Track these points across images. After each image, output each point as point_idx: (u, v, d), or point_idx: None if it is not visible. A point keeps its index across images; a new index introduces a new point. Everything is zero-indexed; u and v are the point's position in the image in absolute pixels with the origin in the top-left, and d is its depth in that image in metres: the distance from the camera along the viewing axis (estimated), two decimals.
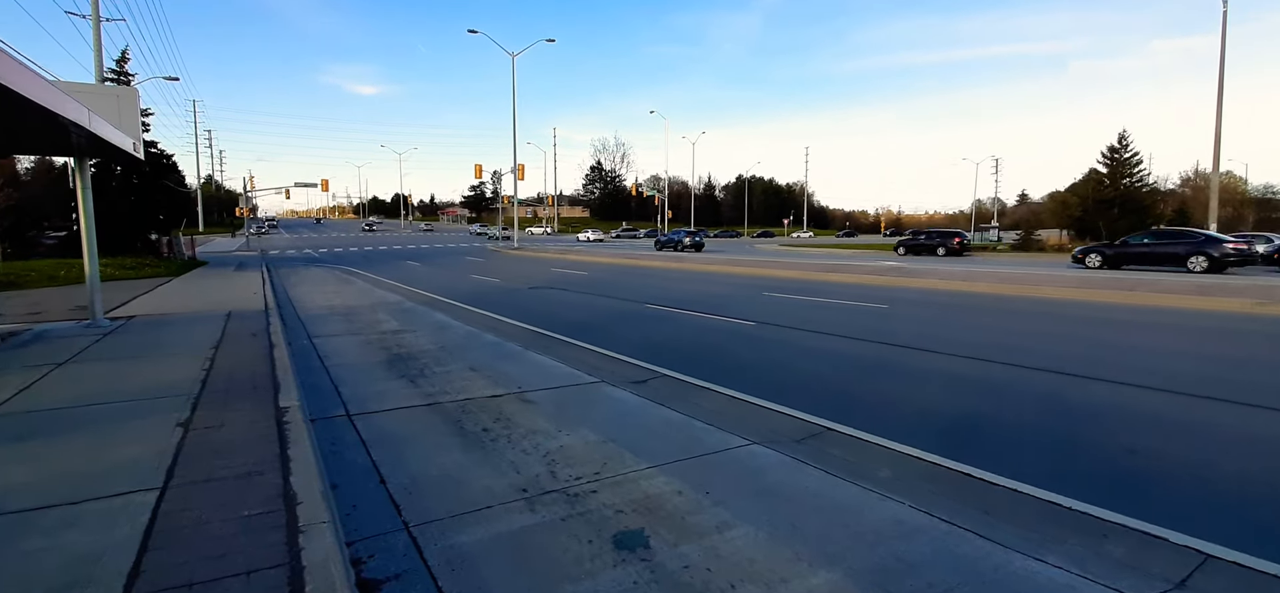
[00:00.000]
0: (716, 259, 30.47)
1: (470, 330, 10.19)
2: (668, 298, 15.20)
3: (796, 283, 18.91)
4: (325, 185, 53.64)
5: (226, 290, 15.95)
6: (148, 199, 26.02)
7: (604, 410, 5.62)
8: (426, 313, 12.43)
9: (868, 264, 25.89)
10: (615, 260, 31.02)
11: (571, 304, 14.42)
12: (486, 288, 18.65)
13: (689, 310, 12.93)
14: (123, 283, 17.81)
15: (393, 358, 7.98)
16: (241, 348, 7.94)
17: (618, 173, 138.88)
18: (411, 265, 29.79)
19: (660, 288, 17.93)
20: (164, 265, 23.53)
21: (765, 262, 28.15)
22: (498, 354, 8.18)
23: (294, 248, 48.06)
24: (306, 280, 20.61)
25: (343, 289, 17.41)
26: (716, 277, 22.00)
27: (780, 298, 14.98)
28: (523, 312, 12.95)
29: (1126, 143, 56.63)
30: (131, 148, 10.15)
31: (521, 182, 43.74)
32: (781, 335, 9.96)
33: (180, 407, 5.20)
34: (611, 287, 18.40)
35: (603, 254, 36.52)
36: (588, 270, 25.00)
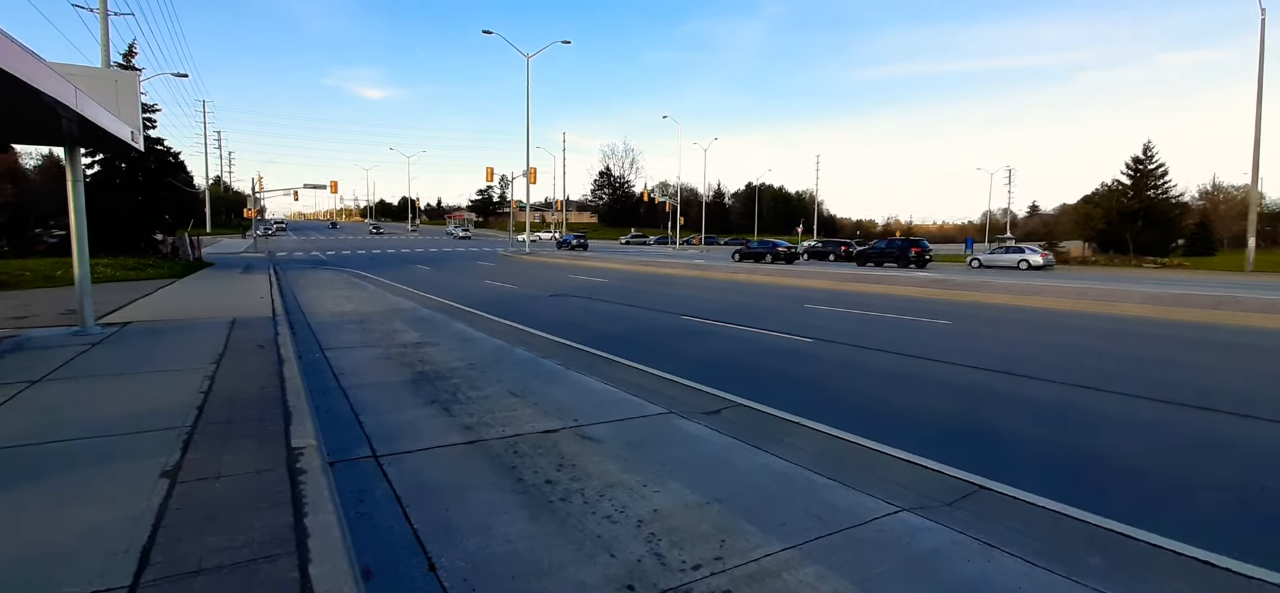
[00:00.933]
0: (740, 268, 29.43)
1: (499, 344, 9.16)
2: (703, 309, 14.15)
3: (830, 293, 17.85)
4: (334, 187, 52.87)
5: (232, 294, 15.00)
6: (152, 198, 25.16)
7: (687, 454, 4.58)
8: (446, 322, 11.43)
9: (897, 275, 24.81)
10: (633, 267, 30.00)
11: (602, 314, 13.39)
12: (504, 295, 17.66)
13: (731, 323, 11.88)
14: (123, 284, 16.89)
15: (418, 377, 6.96)
16: (246, 363, 6.94)
17: (626, 179, 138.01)
18: (421, 269, 28.87)
19: (691, 298, 16.89)
20: (168, 266, 22.64)
21: (789, 272, 27.08)
22: (537, 374, 7.15)
23: (301, 250, 47.27)
24: (315, 284, 19.67)
25: (353, 294, 16.44)
26: (744, 286, 20.95)
27: (824, 311, 13.92)
28: (550, 322, 11.92)
29: (1151, 154, 55.38)
30: (129, 137, 9.20)
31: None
32: (848, 355, 8.89)
33: (169, 445, 4.18)
34: (637, 295, 17.36)
35: (618, 260, 35.52)
36: (607, 277, 23.98)
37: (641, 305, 14.96)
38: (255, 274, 22.08)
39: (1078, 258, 50.97)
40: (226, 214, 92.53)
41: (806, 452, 4.71)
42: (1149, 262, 48.94)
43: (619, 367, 7.85)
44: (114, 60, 24.81)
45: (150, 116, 25.43)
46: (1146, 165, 55.24)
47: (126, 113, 9.57)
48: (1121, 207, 54.34)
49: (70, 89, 6.42)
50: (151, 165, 25.08)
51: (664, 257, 42.58)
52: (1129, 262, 49.12)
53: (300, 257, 38.93)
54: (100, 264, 20.05)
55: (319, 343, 9.14)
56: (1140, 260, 49.25)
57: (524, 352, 8.58)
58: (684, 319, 12.51)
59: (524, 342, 9.54)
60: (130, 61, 24.87)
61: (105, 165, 24.57)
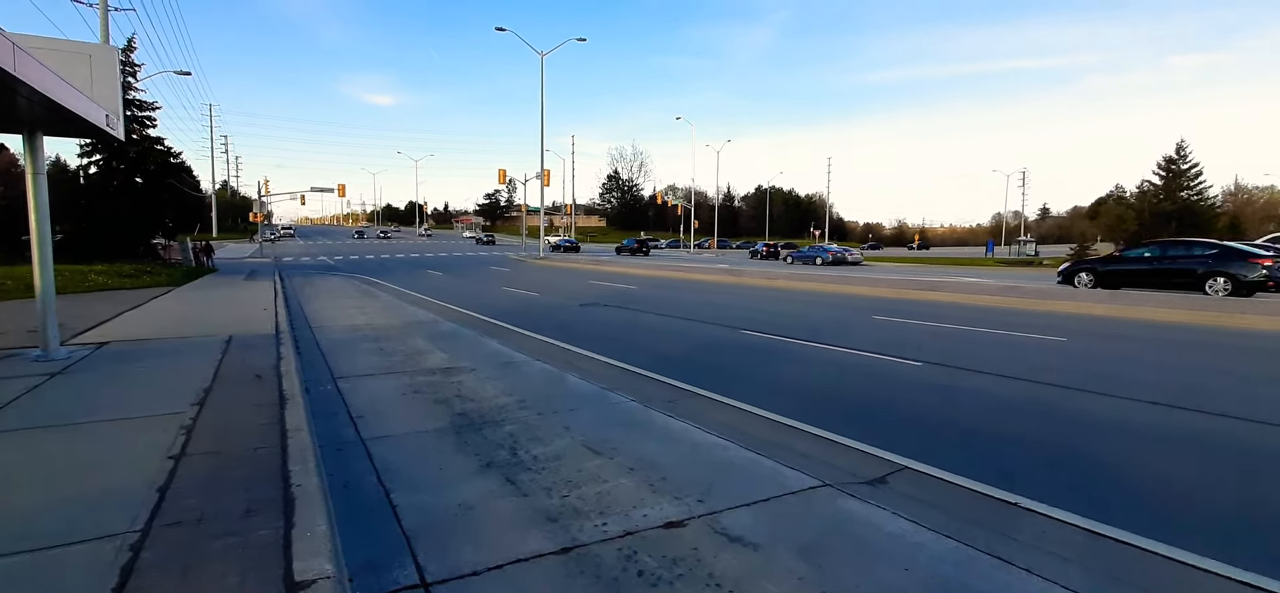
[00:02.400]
0: (776, 273, 27.80)
1: (546, 369, 7.57)
2: (762, 322, 12.54)
3: (894, 302, 16.19)
4: (341, 190, 51.63)
5: (232, 305, 13.49)
6: (152, 200, 23.75)
7: (899, 581, 2.97)
8: (475, 339, 9.86)
9: (946, 280, 23.12)
10: (657, 272, 28.41)
11: (650, 330, 11.79)
12: (528, 304, 16.09)
13: (803, 340, 10.26)
14: (115, 294, 15.43)
15: (459, 421, 5.38)
16: (239, 403, 5.38)
17: (635, 182, 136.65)
18: (434, 275, 27.40)
19: (738, 307, 15.28)
20: (167, 273, 21.21)
21: (831, 278, 25.44)
22: (612, 416, 5.56)
23: (309, 255, 45.95)
24: (324, 292, 18.17)
25: (366, 304, 14.91)
26: (794, 294, 19.31)
27: (901, 324, 12.28)
28: (594, 338, 10.34)
29: (1185, 153, 53.47)
30: (103, 122, 7.68)
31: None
32: (981, 385, 7.26)
33: (104, 569, 2.62)
34: (675, 305, 15.77)
35: (637, 266, 33.93)
36: (634, 284, 22.39)
37: (687, 317, 13.36)
38: (259, 281, 20.61)
39: None
40: (233, 218, 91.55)
41: (1090, 569, 3.10)
42: None
43: (706, 402, 6.25)
44: None
45: (150, 114, 24.08)
46: (1179, 165, 53.30)
47: (103, 94, 8.05)
48: (1154, 208, 52.39)
49: (6, 48, 4.89)
50: (151, 166, 23.68)
51: (683, 261, 40.98)
52: None
53: (308, 262, 37.56)
54: (93, 272, 18.63)
55: (330, 369, 7.57)
56: None
57: (579, 380, 6.99)
58: (745, 334, 10.90)
59: (574, 365, 7.95)
60: (129, 56, 23.51)
61: (103, 167, 23.20)
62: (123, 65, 23.36)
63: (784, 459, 4.47)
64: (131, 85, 23.60)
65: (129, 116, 23.48)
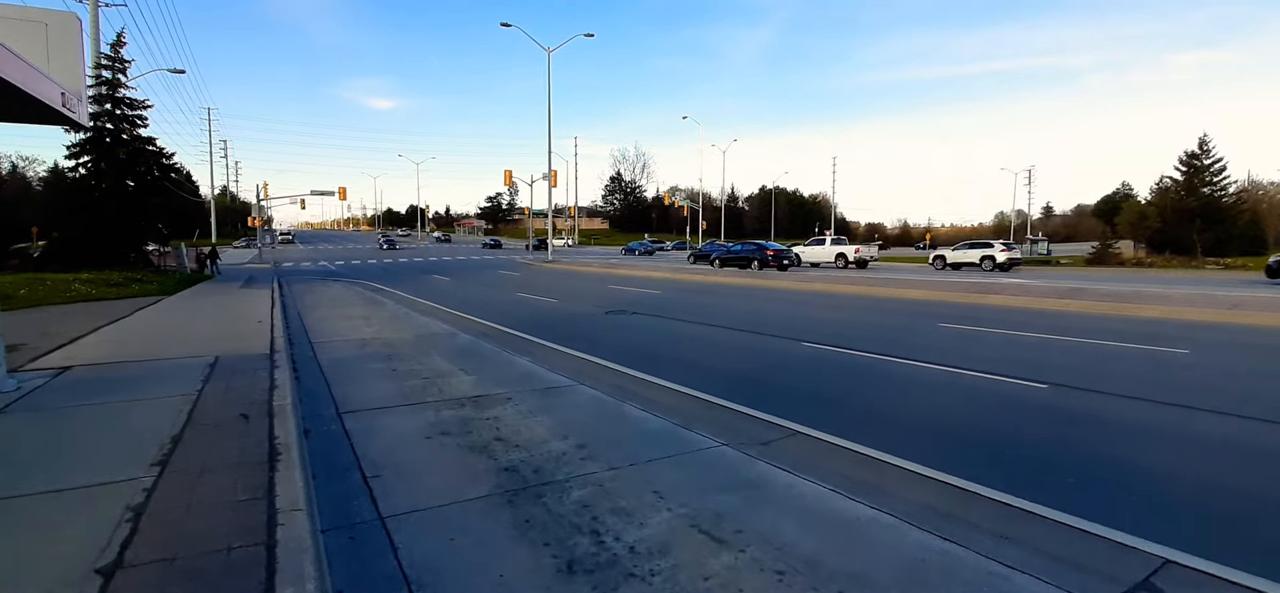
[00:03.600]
0: (810, 276, 26.48)
1: (598, 398, 6.22)
2: (816, 331, 11.19)
3: (951, 307, 14.85)
4: (343, 193, 50.23)
5: (224, 317, 12.17)
6: (143, 203, 22.43)
7: None
8: (500, 355, 8.52)
9: (987, 280, 21.77)
10: (677, 275, 27.09)
11: (692, 340, 10.45)
12: (549, 313, 14.75)
13: (881, 354, 8.91)
14: (97, 305, 14.10)
15: (511, 484, 4.03)
16: (215, 459, 4.04)
17: (638, 184, 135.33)
18: (440, 280, 26.08)
19: (782, 315, 13.94)
20: (159, 281, 19.88)
21: (864, 279, 24.10)
22: (709, 473, 4.20)
23: (309, 260, 44.67)
24: (325, 301, 16.83)
25: (372, 314, 13.57)
26: (833, 298, 17.94)
27: (980, 333, 10.93)
28: (635, 353, 8.99)
29: (1208, 148, 52.05)
30: (59, 102, 6.35)
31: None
32: (1144, 418, 5.91)
33: None
34: (710, 311, 14.42)
35: (649, 268, 32.61)
36: (657, 288, 21.04)
37: (728, 325, 12.01)
38: (256, 289, 19.28)
39: (1132, 260, 47.63)
40: (232, 224, 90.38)
41: None
42: (1210, 263, 45.69)
43: (814, 445, 4.91)
44: (103, 51, 22.23)
45: (141, 113, 22.75)
46: (1201, 161, 51.90)
47: (63, 69, 6.74)
48: (1177, 205, 50.97)
49: None
50: (141, 167, 22.36)
51: (692, 265, 39.65)
52: (1188, 263, 45.84)
53: (308, 268, 36.29)
54: (78, 281, 17.32)
55: (333, 399, 6.22)
56: (1202, 261, 45.97)
57: (641, 411, 5.65)
58: (808, 347, 9.55)
59: (627, 391, 6.61)
60: (119, 51, 22.23)
61: (91, 169, 21.90)
62: (112, 62, 22.10)
63: (996, 552, 3.11)
64: (122, 83, 22.30)
65: (119, 115, 22.22)
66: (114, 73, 22.02)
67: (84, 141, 21.60)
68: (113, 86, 22.05)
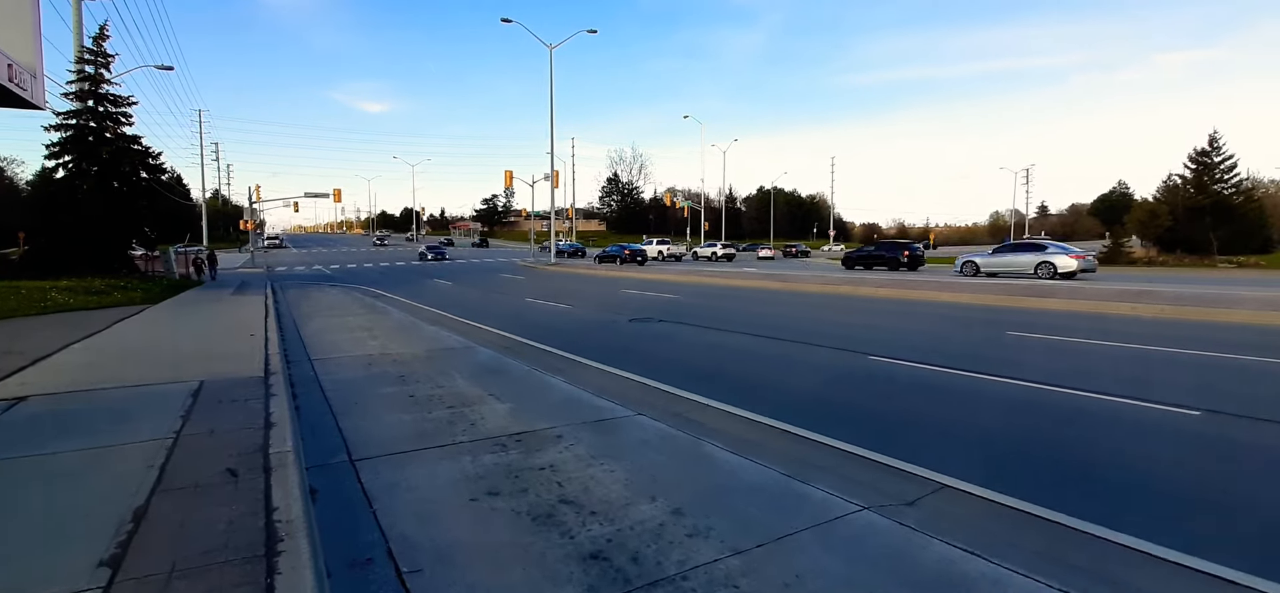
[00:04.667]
0: (833, 278, 25.45)
1: (667, 433, 5.10)
2: (874, 342, 10.11)
3: (1007, 312, 13.80)
4: (338, 195, 48.87)
5: (213, 329, 10.99)
6: (127, 205, 21.15)
7: None
8: (531, 375, 7.39)
9: (1033, 284, 20.76)
10: (691, 279, 26.00)
11: (739, 353, 9.34)
12: (567, 321, 13.63)
13: (960, 370, 7.82)
14: (74, 316, 12.88)
15: (599, 579, 2.90)
16: (192, 544, 2.89)
17: (635, 185, 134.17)
18: (442, 285, 24.93)
19: (829, 323, 12.86)
20: (144, 288, 18.63)
21: (891, 282, 23.06)
22: (878, 564, 3.09)
23: (303, 264, 43.38)
24: (323, 308, 15.65)
25: (376, 324, 12.41)
26: (872, 304, 16.87)
27: (1064, 344, 9.86)
28: (680, 369, 7.87)
29: (1218, 145, 51.28)
30: (5, 77, 5.19)
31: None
32: None
33: None
34: (746, 320, 13.33)
35: (660, 271, 31.52)
36: (676, 292, 19.92)
37: (773, 334, 10.91)
38: (249, 296, 18.05)
39: (1143, 259, 46.79)
40: (224, 227, 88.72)
41: None
42: (1222, 261, 44.94)
43: (999, 513, 3.79)
44: (85, 45, 20.95)
45: (125, 110, 21.47)
46: (1211, 158, 51.15)
47: (12, 38, 5.56)
48: (1187, 202, 50.18)
49: None
50: (126, 167, 21.09)
51: (704, 266, 38.58)
52: (1201, 262, 45.07)
53: (303, 272, 35.06)
54: (56, 288, 16.07)
55: (343, 437, 5.07)
56: (1213, 260, 45.20)
57: (729, 454, 4.54)
58: (876, 362, 8.45)
59: (699, 423, 5.49)
60: (102, 45, 20.96)
61: (72, 169, 20.62)
62: (94, 56, 20.83)
63: None
64: (105, 78, 21.04)
65: (102, 113, 20.96)
66: (97, 67, 20.76)
67: (65, 140, 20.33)
68: (95, 82, 20.78)
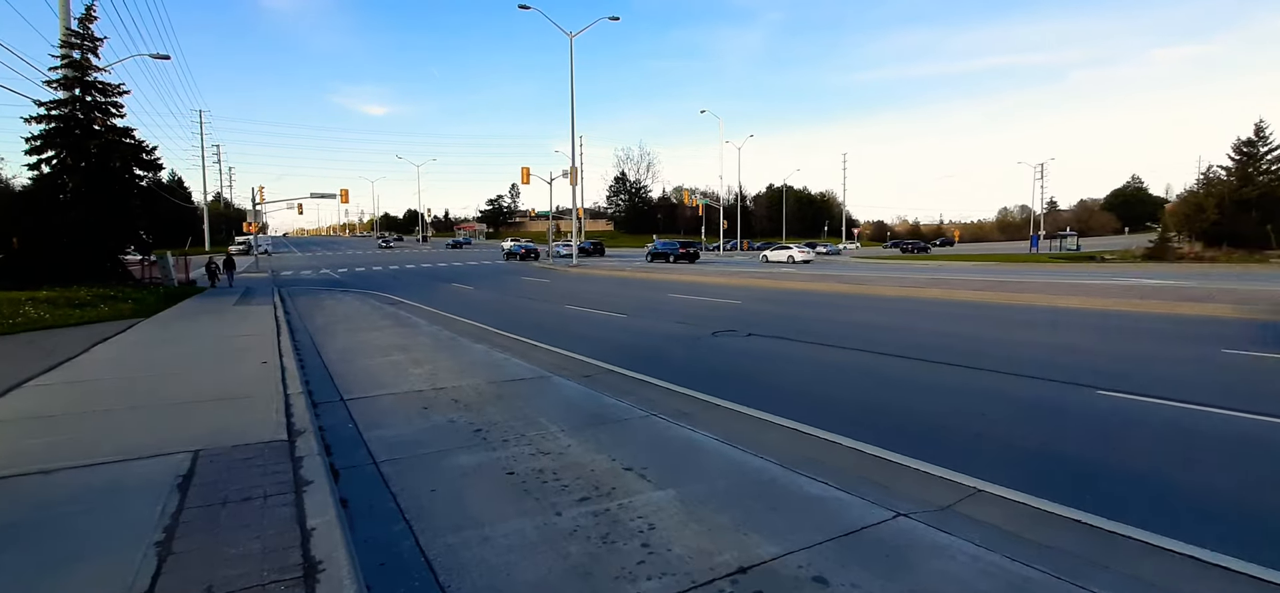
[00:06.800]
0: (887, 278, 23.31)
1: (1004, 570, 2.96)
2: (1039, 363, 7.96)
3: (1138, 318, 11.66)
4: (345, 196, 46.79)
5: (213, 353, 8.86)
6: (118, 206, 19.03)
7: None
8: (662, 428, 5.26)
9: (1136, 284, 18.59)
10: (740, 281, 23.87)
11: (902, 383, 7.19)
12: (627, 334, 11.50)
13: (1213, 406, 5.67)
14: (48, 335, 10.79)
15: None
16: None
17: (643, 184, 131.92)
18: (463, 290, 22.84)
19: (964, 336, 10.73)
20: (136, 298, 16.52)
21: (942, 280, 20.91)
22: None
23: (310, 268, 41.31)
24: (341, 320, 13.53)
25: (409, 341, 10.29)
26: (983, 310, 14.71)
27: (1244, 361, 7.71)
28: (848, 411, 5.74)
29: (1265, 134, 48.93)
30: None
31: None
32: None
33: None
34: (848, 332, 11.20)
35: (696, 273, 29.40)
36: (736, 297, 17.76)
37: (914, 354, 8.77)
38: (255, 306, 15.91)
39: (1191, 255, 44.47)
40: (227, 231, 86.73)
41: None
42: (1274, 256, 42.67)
43: None
44: (71, 27, 18.86)
45: (116, 101, 19.37)
46: (1257, 148, 48.82)
47: None
48: (1234, 195, 47.85)
49: None
50: (116, 163, 18.99)
51: (736, 265, 36.45)
52: (1252, 257, 42.77)
53: (310, 277, 32.96)
54: (33, 301, 13.98)
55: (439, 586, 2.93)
56: (1265, 256, 42.90)
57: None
58: (1103, 396, 6.30)
59: (1000, 529, 3.35)
60: (89, 28, 18.85)
61: (57, 164, 18.52)
62: (81, 39, 18.72)
63: None
64: (92, 64, 18.94)
65: (89, 102, 18.85)
66: (83, 52, 18.65)
67: (49, 132, 18.22)
68: (81, 69, 18.67)
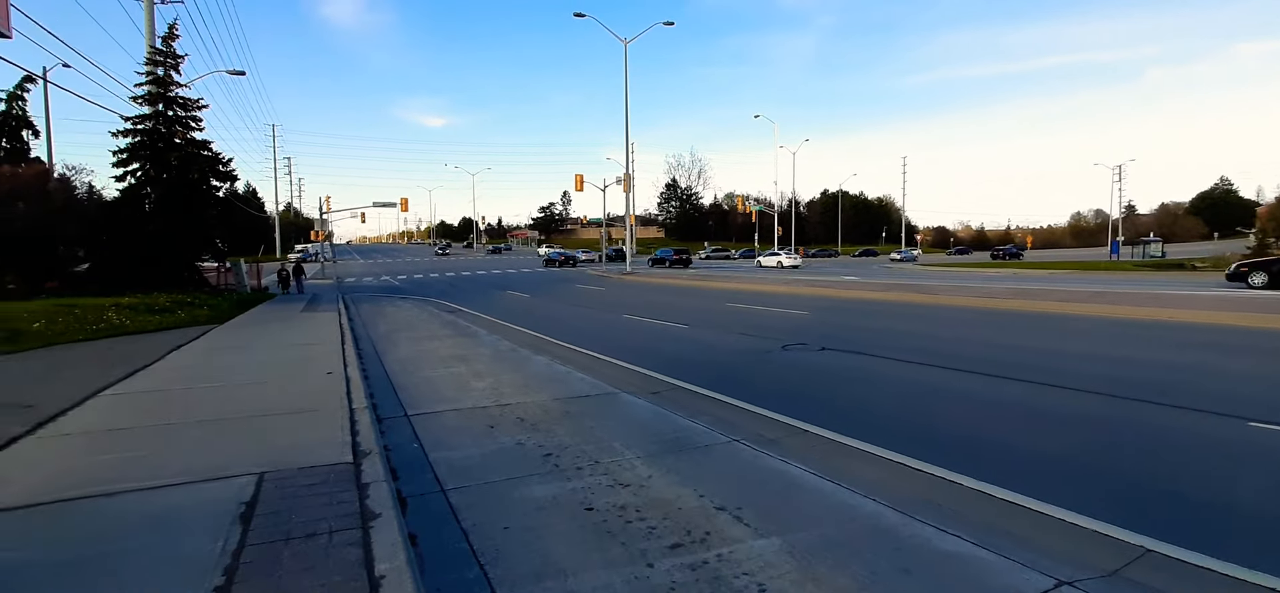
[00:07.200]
0: (962, 288, 22.03)
1: None
2: (1189, 389, 6.99)
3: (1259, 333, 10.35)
4: (405, 205, 48.25)
5: (282, 362, 8.84)
6: (196, 215, 19.84)
7: None
8: (747, 456, 4.72)
9: (1213, 295, 16.86)
10: (794, 289, 22.98)
11: (1031, 412, 6.41)
12: (692, 348, 10.97)
13: None
14: (127, 341, 11.10)
15: None
16: None
17: (694, 190, 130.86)
18: (519, 298, 22.79)
19: (1076, 355, 9.76)
20: (211, 305, 17.09)
21: (1026, 291, 19.48)
22: None
23: (371, 275, 42.55)
24: (402, 328, 13.52)
25: (470, 352, 10.07)
26: (1061, 323, 13.56)
27: None
28: (961, 440, 5.04)
29: None
30: None
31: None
32: None
33: None
34: (927, 345, 10.33)
35: (754, 280, 28.57)
36: (799, 307, 16.98)
37: (1033, 376, 7.92)
38: (321, 312, 16.22)
39: None
40: (296, 238, 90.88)
41: None
42: None
43: None
44: (155, 45, 19.84)
45: (196, 115, 20.28)
46: None
47: None
48: None
49: None
50: (195, 174, 19.82)
51: (798, 275, 35.38)
52: None
53: (370, 283, 33.84)
54: (116, 306, 14.56)
55: None
56: None
57: None
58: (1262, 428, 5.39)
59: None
60: (171, 45, 19.79)
61: (142, 177, 19.48)
62: (164, 56, 19.65)
63: None
64: (174, 80, 19.88)
65: (171, 116, 19.76)
66: (166, 69, 19.56)
67: (133, 146, 19.18)
68: (164, 85, 19.59)
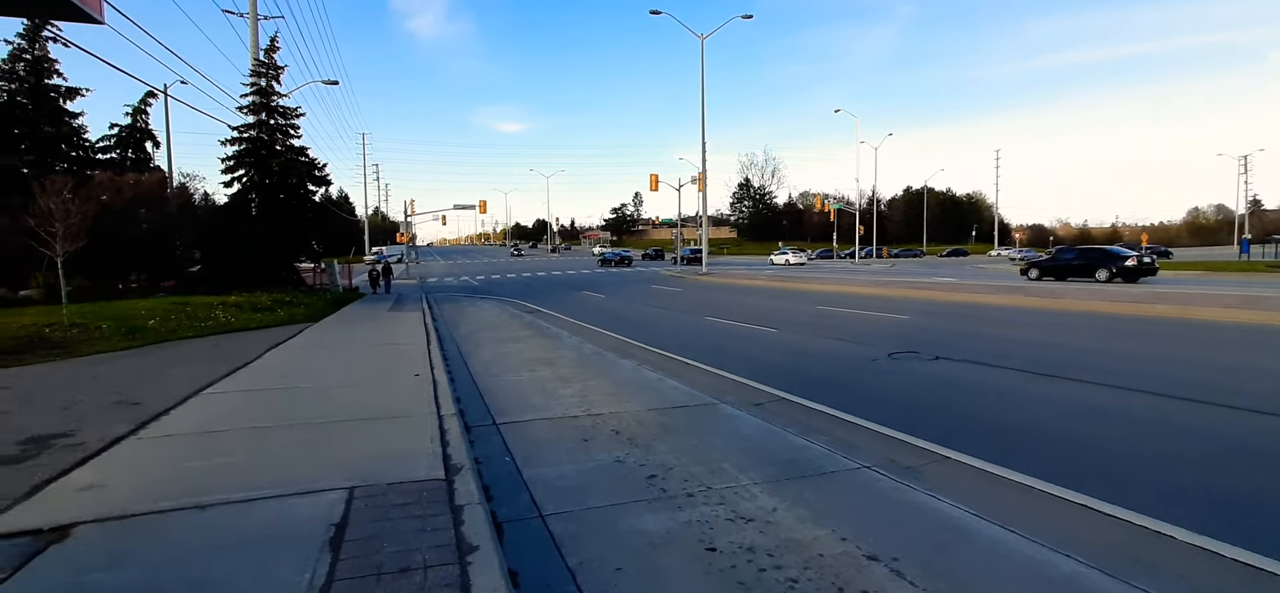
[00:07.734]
0: (1088, 296, 20.08)
1: None
2: None
3: None
4: (484, 207, 49.63)
5: (370, 361, 8.81)
6: (294, 219, 20.83)
7: None
8: (887, 488, 4.00)
9: None
10: (880, 290, 21.57)
11: (1223, 441, 5.34)
12: (784, 353, 10.18)
13: None
14: (233, 337, 11.53)
15: None
16: None
17: (768, 190, 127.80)
18: (594, 298, 22.58)
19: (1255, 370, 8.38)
20: (307, 303, 17.83)
21: (1165, 295, 17.35)
22: None
23: (452, 275, 43.95)
24: (484, 329, 13.47)
25: (554, 354, 9.74)
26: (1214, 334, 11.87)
27: None
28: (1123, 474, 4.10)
29: None
30: None
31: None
32: None
33: None
34: (1052, 355, 9.10)
35: (842, 281, 27.18)
36: (899, 311, 15.78)
37: (1211, 396, 6.72)
38: (406, 311, 16.56)
39: None
40: (383, 241, 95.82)
41: None
42: None
43: None
44: (258, 57, 21.01)
45: (294, 123, 21.34)
46: None
47: None
48: None
49: None
50: (293, 179, 20.81)
51: (889, 274, 33.54)
52: None
53: (451, 283, 34.83)
54: (223, 305, 15.35)
55: None
56: None
57: None
58: None
59: None
60: (272, 57, 20.89)
61: (245, 183, 20.66)
62: (266, 68, 20.76)
63: None
64: (275, 91, 20.98)
65: (272, 125, 20.87)
66: (268, 79, 20.66)
67: (239, 153, 20.36)
68: (267, 95, 20.70)
